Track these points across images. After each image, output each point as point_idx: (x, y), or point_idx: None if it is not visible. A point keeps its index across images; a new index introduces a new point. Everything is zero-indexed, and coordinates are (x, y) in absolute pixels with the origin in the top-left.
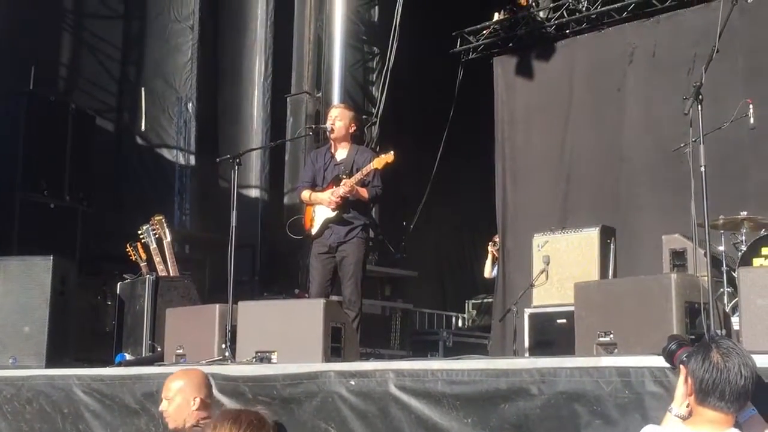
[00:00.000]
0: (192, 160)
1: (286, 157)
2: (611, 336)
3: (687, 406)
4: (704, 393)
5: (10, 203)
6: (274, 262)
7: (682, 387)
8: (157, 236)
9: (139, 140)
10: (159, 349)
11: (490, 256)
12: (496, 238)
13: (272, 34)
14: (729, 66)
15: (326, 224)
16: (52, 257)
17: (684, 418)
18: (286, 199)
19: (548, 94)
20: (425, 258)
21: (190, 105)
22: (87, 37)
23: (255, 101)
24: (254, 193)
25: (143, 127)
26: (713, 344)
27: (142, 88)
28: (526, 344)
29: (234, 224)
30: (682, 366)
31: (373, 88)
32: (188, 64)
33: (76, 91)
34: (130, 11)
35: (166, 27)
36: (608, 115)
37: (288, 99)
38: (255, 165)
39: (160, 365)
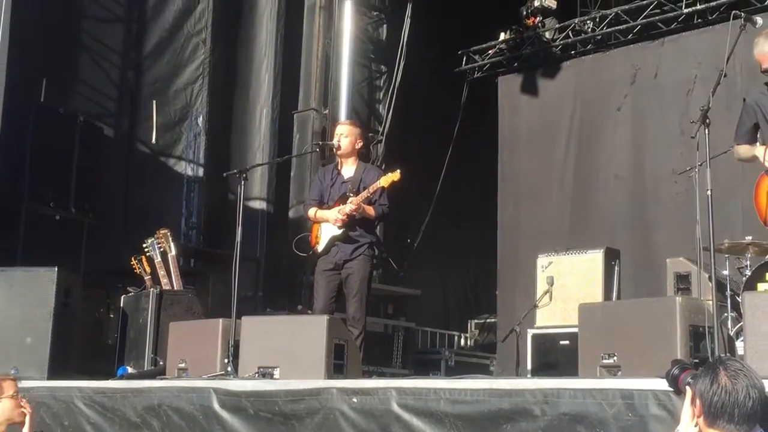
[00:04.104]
0: (201, 174)
1: (292, 173)
2: (615, 358)
3: (695, 426)
4: (713, 415)
5: (15, 214)
6: (277, 277)
7: (689, 409)
8: (161, 250)
9: (148, 152)
10: (161, 363)
11: None
12: None
13: (281, 50)
14: (728, 88)
15: (332, 242)
16: (56, 269)
17: None
18: (291, 214)
19: (552, 113)
20: (428, 276)
21: (200, 119)
22: (89, 42)
23: (263, 116)
24: (259, 208)
25: (154, 140)
26: (721, 366)
27: (154, 101)
28: (529, 365)
29: (240, 239)
30: (688, 387)
31: (380, 106)
32: (199, 78)
33: (79, 97)
34: (131, 16)
35: (179, 40)
36: (608, 135)
37: (295, 115)
38: (261, 180)
39: (162, 379)
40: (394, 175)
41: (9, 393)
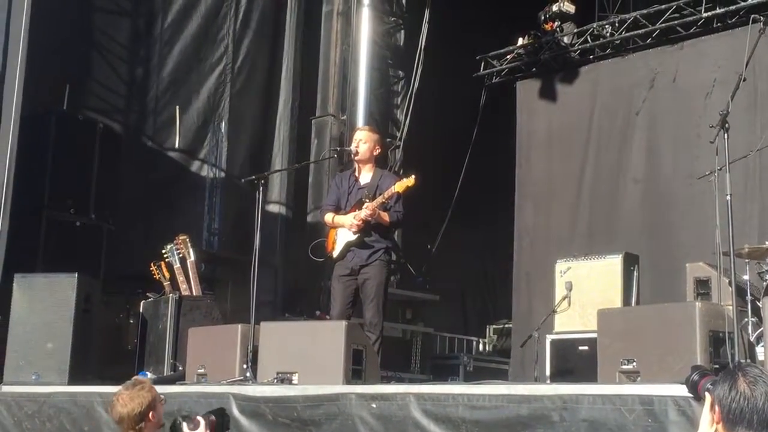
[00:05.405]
0: (222, 180)
1: (310, 179)
2: (634, 364)
3: None
4: (732, 422)
5: (36, 221)
6: (296, 283)
7: (707, 415)
8: (180, 256)
9: (170, 158)
10: (181, 369)
11: None
12: None
13: (300, 56)
14: (747, 92)
15: (348, 247)
16: (76, 275)
17: None
18: (309, 219)
19: (570, 118)
20: (446, 282)
21: (222, 124)
22: (103, 40)
23: (282, 122)
24: (278, 213)
25: (177, 145)
26: (739, 372)
27: (177, 106)
28: (548, 371)
29: (258, 245)
30: (707, 393)
31: (398, 111)
32: (222, 84)
33: (95, 99)
34: (138, 11)
35: (201, 47)
36: (626, 140)
37: (313, 121)
38: (279, 186)
39: (181, 384)
40: (409, 181)
41: (162, 399)
